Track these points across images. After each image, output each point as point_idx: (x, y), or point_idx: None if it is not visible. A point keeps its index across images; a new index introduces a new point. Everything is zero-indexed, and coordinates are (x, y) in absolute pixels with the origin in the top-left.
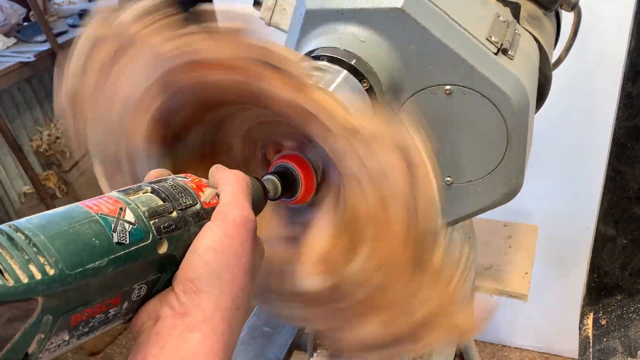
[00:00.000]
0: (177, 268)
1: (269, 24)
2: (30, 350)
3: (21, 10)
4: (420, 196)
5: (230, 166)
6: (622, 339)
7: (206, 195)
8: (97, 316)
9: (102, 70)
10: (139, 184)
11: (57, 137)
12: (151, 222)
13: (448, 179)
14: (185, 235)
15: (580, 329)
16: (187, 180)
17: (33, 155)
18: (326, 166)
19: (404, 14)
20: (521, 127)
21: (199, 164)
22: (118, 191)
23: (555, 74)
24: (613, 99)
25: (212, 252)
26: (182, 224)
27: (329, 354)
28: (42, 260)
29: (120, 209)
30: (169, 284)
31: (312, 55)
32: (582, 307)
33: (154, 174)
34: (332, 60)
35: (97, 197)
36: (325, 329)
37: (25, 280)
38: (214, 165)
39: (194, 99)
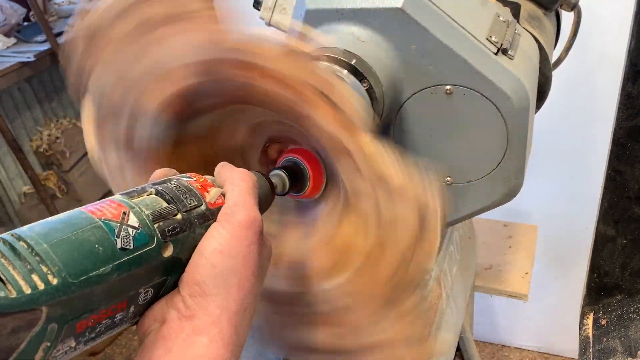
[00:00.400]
0: (183, 270)
1: (269, 24)
2: (37, 358)
3: (21, 10)
4: (420, 253)
5: (226, 150)
6: (622, 339)
7: (211, 195)
8: (104, 322)
9: (143, 25)
10: (143, 186)
11: (57, 137)
12: (155, 226)
13: (448, 179)
14: (190, 237)
15: (580, 329)
16: (191, 180)
17: (33, 155)
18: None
19: (404, 14)
20: (521, 127)
21: (201, 142)
22: (121, 194)
23: (555, 74)
24: (613, 99)
25: (219, 254)
26: (187, 226)
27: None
28: (45, 269)
29: (124, 213)
30: (175, 285)
31: (312, 55)
32: (582, 307)
33: (158, 174)
34: (332, 60)
35: (100, 201)
36: (271, 325)
37: (28, 291)
38: (220, 164)
39: (229, 94)
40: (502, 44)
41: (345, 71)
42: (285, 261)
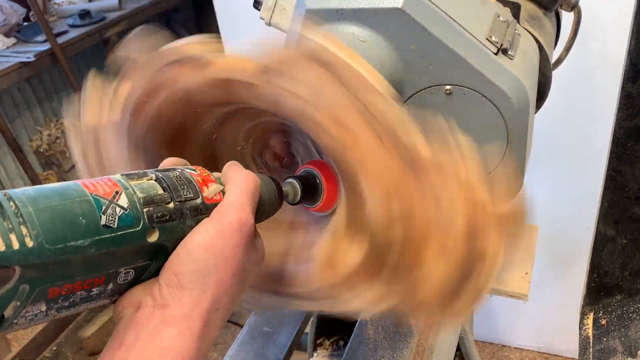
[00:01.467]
0: (167, 257)
1: (269, 24)
2: (6, 314)
3: (21, 10)
4: (360, 92)
5: (227, 149)
6: (622, 339)
7: (210, 190)
8: (78, 293)
9: (99, 170)
10: (145, 171)
11: (57, 137)
12: (145, 210)
13: None
14: (179, 227)
15: (580, 329)
16: (194, 173)
17: (33, 155)
18: None
19: (404, 14)
20: (521, 127)
21: (202, 142)
22: (122, 174)
23: (555, 74)
24: (613, 99)
25: (202, 250)
26: (177, 216)
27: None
28: (24, 231)
29: (117, 192)
30: (159, 272)
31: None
32: (582, 307)
33: (168, 162)
34: None
35: (99, 178)
36: (400, 299)
37: (2, 248)
38: (229, 162)
39: (161, 138)
40: (502, 44)
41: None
42: (343, 229)
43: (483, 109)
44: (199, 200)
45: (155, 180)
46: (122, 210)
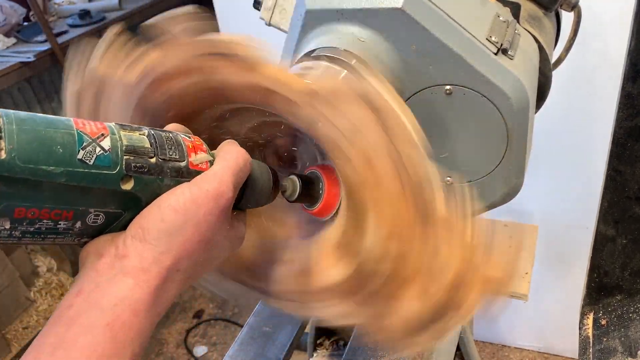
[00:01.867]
0: (140, 211)
1: (269, 24)
2: None
3: (21, 10)
4: (400, 143)
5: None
6: (622, 339)
7: (197, 157)
8: (45, 221)
9: (91, 118)
10: (141, 126)
11: None
12: (125, 157)
13: (448, 179)
14: (156, 183)
15: (580, 329)
16: (188, 139)
17: None
18: None
19: (404, 14)
20: (521, 127)
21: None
22: (116, 123)
23: (555, 74)
24: (613, 99)
25: (172, 211)
26: (156, 172)
27: (329, 354)
28: (1, 145)
29: (102, 134)
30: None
31: (312, 55)
32: (582, 307)
33: (170, 127)
34: (332, 60)
35: (93, 121)
36: (367, 320)
37: None
38: (228, 140)
39: (174, 114)
40: (502, 44)
41: (345, 71)
42: (331, 247)
43: (483, 109)
44: (182, 164)
45: (147, 136)
46: (101, 151)
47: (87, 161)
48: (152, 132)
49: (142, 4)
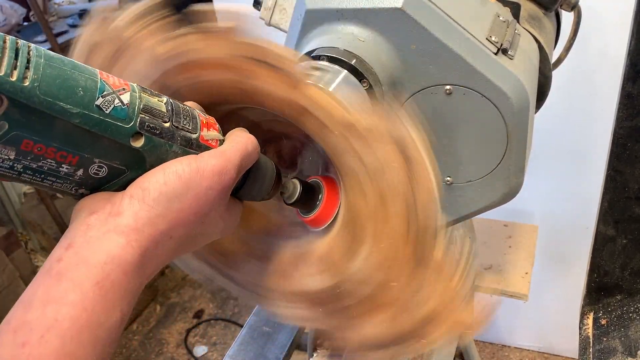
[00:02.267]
0: (143, 174)
1: (269, 24)
2: None
3: (21, 10)
4: (419, 191)
5: None
6: (622, 339)
7: (208, 134)
8: (49, 160)
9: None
10: (161, 94)
11: None
12: (140, 115)
13: (448, 178)
14: (165, 147)
15: (580, 329)
16: (203, 115)
17: None
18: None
19: (404, 14)
20: (521, 127)
21: None
22: (139, 85)
23: (555, 74)
24: (613, 99)
25: (176, 176)
26: (167, 136)
27: (329, 354)
28: (26, 72)
29: (124, 89)
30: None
31: (312, 55)
32: (582, 307)
33: (189, 104)
34: (332, 60)
35: (118, 77)
36: (328, 329)
37: (0, 73)
38: (239, 127)
39: (192, 100)
40: (502, 44)
41: (345, 71)
42: (315, 258)
43: (483, 108)
44: (194, 135)
45: (165, 103)
46: (119, 103)
47: (104, 109)
48: (171, 101)
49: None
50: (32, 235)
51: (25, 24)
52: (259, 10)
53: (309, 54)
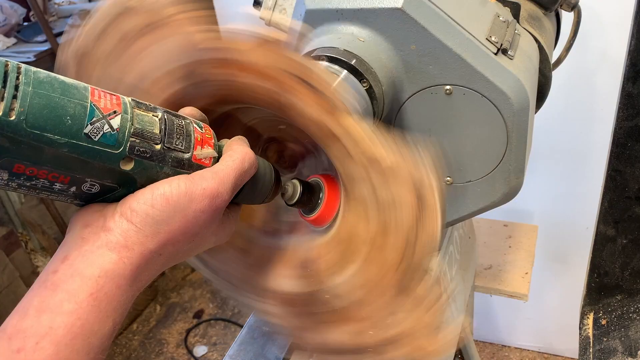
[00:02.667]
0: (135, 190)
1: (269, 24)
2: None
3: (21, 10)
4: (423, 233)
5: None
6: (622, 339)
7: (201, 152)
8: (42, 180)
9: (123, 39)
10: (157, 107)
11: None
12: (131, 139)
13: (448, 179)
14: (155, 169)
15: (580, 329)
16: (199, 130)
17: None
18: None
19: (404, 14)
20: (521, 127)
21: None
22: (133, 99)
23: (555, 74)
24: (613, 99)
25: (164, 199)
26: (158, 159)
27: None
28: (13, 105)
29: (114, 112)
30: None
31: (312, 55)
32: (582, 307)
33: (187, 110)
34: (332, 60)
35: (111, 92)
36: (291, 328)
37: None
38: (239, 136)
39: (214, 94)
40: (502, 44)
41: (345, 71)
42: (297, 262)
43: (483, 109)
44: (186, 155)
45: (159, 120)
46: (109, 129)
47: (93, 137)
48: (165, 117)
49: None
50: (32, 235)
51: (25, 24)
52: (259, 10)
53: (308, 54)
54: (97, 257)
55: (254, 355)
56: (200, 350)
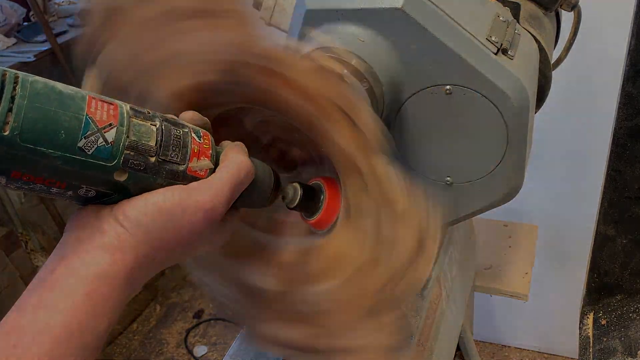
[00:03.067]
0: (129, 196)
1: (269, 24)
2: None
3: (21, 10)
4: (411, 275)
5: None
6: (622, 339)
7: (197, 164)
8: (39, 185)
9: (169, 14)
10: (156, 114)
11: None
12: (125, 152)
13: (448, 178)
14: (149, 181)
15: (580, 329)
16: (197, 140)
17: None
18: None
19: (404, 14)
20: (521, 127)
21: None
22: (132, 108)
23: (555, 74)
24: (613, 99)
25: (157, 209)
26: (152, 172)
27: None
28: (8, 119)
29: (110, 124)
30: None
31: (312, 55)
32: (582, 307)
33: (188, 115)
34: (332, 60)
35: (109, 100)
36: (249, 317)
37: None
38: (236, 142)
39: (248, 96)
40: (502, 44)
41: (345, 71)
42: (276, 261)
43: (483, 109)
44: (181, 167)
45: (156, 130)
46: (103, 142)
47: (87, 150)
48: (163, 127)
49: None
50: (32, 235)
51: (25, 24)
52: (259, 10)
53: (308, 53)
54: (92, 257)
55: (254, 355)
56: (200, 350)
